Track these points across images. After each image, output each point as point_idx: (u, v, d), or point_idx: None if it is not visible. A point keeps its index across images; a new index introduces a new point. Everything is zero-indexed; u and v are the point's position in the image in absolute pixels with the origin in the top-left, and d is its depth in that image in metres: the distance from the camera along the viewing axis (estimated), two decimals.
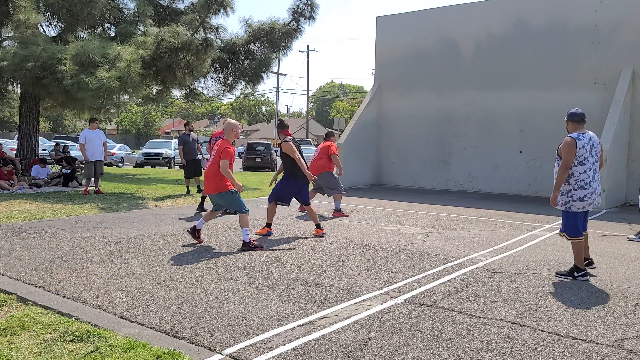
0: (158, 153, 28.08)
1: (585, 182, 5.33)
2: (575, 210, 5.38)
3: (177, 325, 3.91)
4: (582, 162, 5.34)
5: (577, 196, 5.34)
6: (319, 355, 3.40)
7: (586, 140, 5.37)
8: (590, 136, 5.45)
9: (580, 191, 5.33)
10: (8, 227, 7.64)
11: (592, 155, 5.40)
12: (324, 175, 9.74)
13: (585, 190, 5.33)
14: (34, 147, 15.63)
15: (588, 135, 5.43)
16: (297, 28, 16.90)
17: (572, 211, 5.39)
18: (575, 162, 5.34)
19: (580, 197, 5.33)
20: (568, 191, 5.39)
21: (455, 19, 15.18)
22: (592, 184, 5.36)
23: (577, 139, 5.34)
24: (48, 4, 13.58)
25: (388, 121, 16.65)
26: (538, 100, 13.77)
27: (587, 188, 5.33)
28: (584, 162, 5.34)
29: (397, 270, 5.62)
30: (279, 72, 51.03)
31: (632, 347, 3.64)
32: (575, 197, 5.35)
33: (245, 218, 6.58)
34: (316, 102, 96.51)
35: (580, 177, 5.34)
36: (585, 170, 5.35)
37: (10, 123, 48.72)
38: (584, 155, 5.34)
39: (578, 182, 5.34)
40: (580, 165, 5.34)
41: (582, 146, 5.33)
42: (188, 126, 13.10)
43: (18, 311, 4.22)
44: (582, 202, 5.34)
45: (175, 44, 13.08)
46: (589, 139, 5.40)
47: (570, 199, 5.37)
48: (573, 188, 5.36)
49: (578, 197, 5.34)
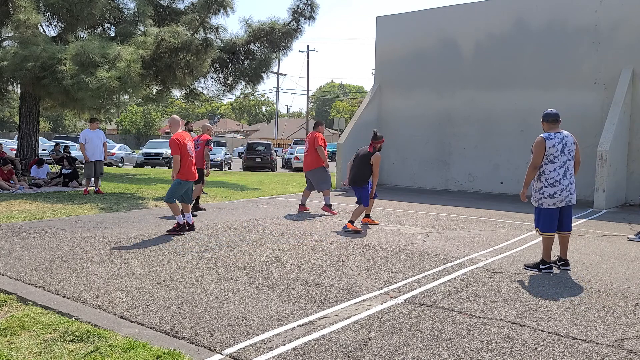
0: (158, 153, 28.07)
1: (555, 180, 5.56)
2: (547, 206, 5.63)
3: (177, 325, 3.91)
4: (552, 161, 5.58)
5: (547, 193, 5.60)
6: (319, 355, 3.40)
7: (557, 140, 5.58)
8: (564, 136, 5.64)
9: (550, 188, 5.58)
10: (8, 227, 7.64)
11: (565, 154, 5.59)
12: (318, 171, 9.79)
13: (555, 188, 5.56)
14: (34, 147, 15.63)
15: (561, 135, 5.62)
16: (297, 28, 16.92)
17: (544, 207, 5.65)
18: (546, 160, 5.60)
19: (550, 194, 5.59)
20: (540, 188, 5.67)
21: (455, 19, 15.18)
22: (563, 181, 5.57)
23: (547, 139, 5.59)
24: (48, 4, 13.58)
25: (388, 121, 16.65)
26: (538, 100, 13.77)
27: (557, 185, 5.56)
28: (554, 160, 5.58)
29: (397, 270, 5.62)
30: (279, 72, 51.09)
31: (632, 347, 3.64)
32: (545, 194, 5.61)
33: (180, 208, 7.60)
34: (316, 102, 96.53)
35: (550, 174, 5.58)
36: (555, 168, 5.57)
37: (10, 123, 48.73)
38: (554, 154, 5.57)
39: (548, 180, 5.59)
40: (550, 163, 5.59)
41: (552, 145, 5.56)
42: (187, 126, 13.12)
43: (18, 311, 4.22)
44: (552, 199, 5.58)
45: (175, 44, 13.08)
46: (561, 138, 5.60)
47: (542, 196, 5.65)
48: (544, 185, 5.63)
49: (548, 194, 5.59)
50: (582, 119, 13.04)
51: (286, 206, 10.98)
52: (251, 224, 8.54)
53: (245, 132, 79.68)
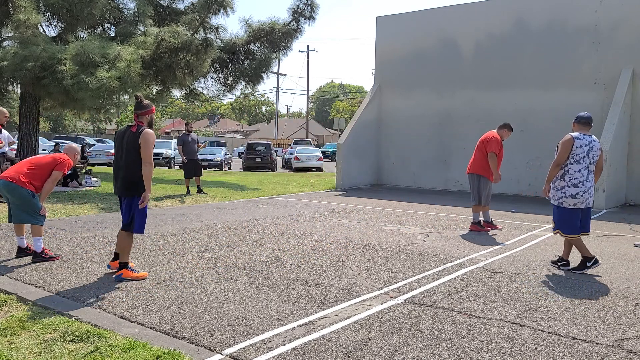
0: (158, 153, 28.02)
1: (579, 181, 5.53)
2: (567, 206, 5.57)
3: (177, 325, 3.91)
4: (578, 161, 5.55)
5: (569, 193, 5.55)
6: (319, 355, 3.40)
7: (585, 142, 5.56)
8: (592, 139, 5.63)
9: (573, 188, 5.53)
10: (8, 227, 7.63)
11: (589, 157, 5.57)
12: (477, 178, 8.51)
13: (578, 189, 5.52)
14: (34, 147, 15.62)
15: (590, 138, 5.61)
16: (297, 28, 16.91)
17: (564, 207, 5.60)
18: (572, 160, 5.55)
19: (572, 194, 5.53)
20: (562, 187, 5.61)
21: (455, 19, 15.18)
22: (586, 183, 5.54)
23: (576, 138, 5.56)
24: (48, 4, 13.58)
25: (388, 121, 16.65)
26: (538, 100, 13.77)
27: (580, 187, 5.52)
28: (580, 161, 5.54)
29: (397, 270, 5.62)
30: (279, 72, 51.06)
31: (632, 347, 3.64)
32: (567, 194, 5.55)
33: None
34: (316, 102, 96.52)
35: (575, 175, 5.54)
36: (580, 169, 5.54)
37: (10, 123, 48.74)
38: (580, 155, 5.54)
39: (572, 180, 5.54)
40: (576, 163, 5.55)
41: (579, 146, 5.53)
42: (187, 126, 13.13)
43: (18, 311, 4.22)
44: (573, 199, 5.54)
45: (175, 44, 13.08)
46: (589, 141, 5.58)
47: (563, 195, 5.58)
48: (567, 185, 5.57)
49: (570, 194, 5.54)
50: None
51: (286, 206, 10.98)
52: (251, 224, 8.54)
53: (245, 132, 79.68)
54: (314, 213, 9.95)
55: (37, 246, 5.73)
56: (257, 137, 68.18)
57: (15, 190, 5.58)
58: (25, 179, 5.59)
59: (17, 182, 5.56)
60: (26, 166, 5.73)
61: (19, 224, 5.84)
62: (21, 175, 5.60)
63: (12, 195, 5.63)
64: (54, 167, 5.73)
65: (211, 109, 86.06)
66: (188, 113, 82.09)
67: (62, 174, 5.87)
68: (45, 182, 5.71)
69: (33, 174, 5.66)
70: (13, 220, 5.78)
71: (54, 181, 5.75)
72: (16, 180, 5.57)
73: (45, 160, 5.80)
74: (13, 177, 5.59)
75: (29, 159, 5.93)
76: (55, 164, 5.74)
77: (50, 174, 5.72)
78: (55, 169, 5.73)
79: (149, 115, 5.21)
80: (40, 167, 5.71)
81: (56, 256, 5.88)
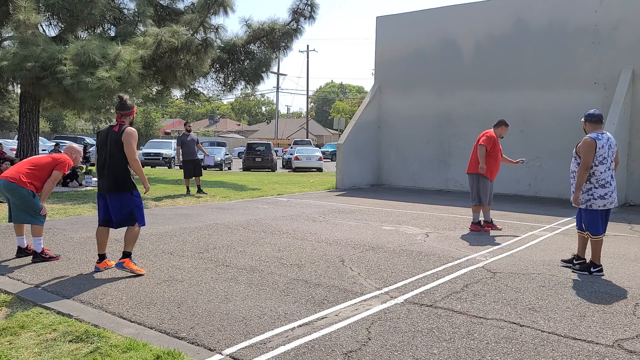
0: (158, 153, 28.08)
1: (606, 181, 5.51)
2: (596, 208, 5.54)
3: (177, 325, 3.91)
4: (602, 162, 5.52)
5: (597, 194, 5.51)
6: (319, 355, 3.40)
7: (605, 140, 5.54)
8: (609, 137, 5.61)
9: (601, 189, 5.50)
10: (8, 227, 7.63)
11: (610, 155, 5.55)
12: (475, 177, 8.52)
13: (606, 189, 5.50)
14: (34, 147, 15.62)
15: (606, 136, 5.59)
16: (297, 28, 16.91)
17: (593, 209, 5.55)
18: (596, 161, 5.51)
19: (601, 195, 5.50)
20: (589, 189, 5.56)
21: (455, 19, 15.18)
22: (612, 182, 5.54)
23: (597, 139, 5.52)
24: (48, 4, 13.58)
25: (388, 121, 16.65)
26: (538, 100, 13.77)
27: (608, 187, 5.51)
28: (604, 161, 5.52)
29: (397, 270, 5.62)
30: (279, 72, 51.05)
31: (632, 347, 3.64)
32: (596, 195, 5.52)
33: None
34: (316, 102, 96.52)
35: (602, 175, 5.51)
36: (606, 169, 5.52)
37: (10, 123, 48.72)
38: (603, 155, 5.51)
39: (599, 181, 5.51)
40: (600, 164, 5.52)
41: (601, 146, 5.51)
42: (187, 126, 13.12)
43: (18, 311, 4.22)
44: (602, 200, 5.51)
45: (175, 44, 13.08)
46: (607, 139, 5.57)
47: (591, 197, 5.54)
48: (594, 186, 5.53)
49: (599, 195, 5.51)
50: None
51: (286, 206, 10.98)
52: (251, 224, 8.54)
53: (245, 132, 79.67)
54: (314, 213, 9.95)
55: (37, 246, 5.74)
56: (257, 137, 68.17)
57: (15, 190, 5.58)
58: (25, 179, 5.60)
59: (17, 182, 5.57)
60: (26, 166, 5.73)
61: (19, 224, 5.84)
62: (22, 175, 5.61)
63: (12, 195, 5.63)
64: (54, 167, 5.74)
65: (211, 109, 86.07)
66: (188, 113, 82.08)
67: (62, 174, 5.88)
68: (45, 182, 5.72)
69: (33, 174, 5.67)
70: (13, 220, 5.79)
71: (54, 181, 5.76)
72: (17, 180, 5.57)
73: (45, 160, 5.80)
74: (14, 177, 5.59)
75: (29, 159, 5.93)
76: (55, 164, 5.75)
77: (50, 174, 5.73)
78: (55, 169, 5.74)
79: (131, 115, 5.43)
80: (41, 167, 5.72)
81: (56, 256, 5.88)
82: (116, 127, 5.27)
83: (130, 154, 5.19)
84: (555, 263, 6.09)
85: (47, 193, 5.76)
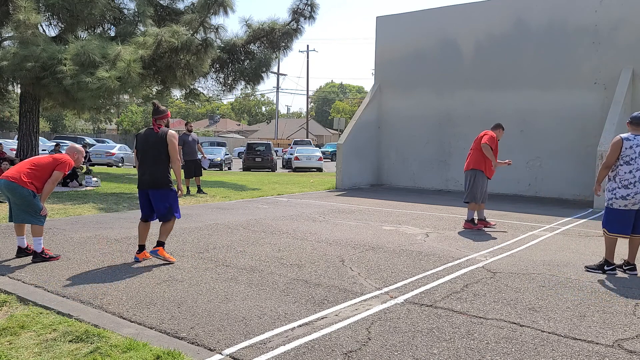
0: None
1: (630, 182, 5.47)
2: (617, 207, 5.53)
3: (177, 325, 3.91)
4: (628, 162, 5.47)
5: (619, 194, 5.51)
6: (319, 355, 3.40)
7: (636, 142, 5.46)
8: None
9: (623, 190, 5.49)
10: (8, 227, 7.63)
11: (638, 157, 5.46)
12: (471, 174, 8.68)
13: (628, 190, 5.46)
14: (34, 147, 15.62)
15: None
16: (297, 28, 16.91)
17: (614, 208, 5.56)
18: (621, 161, 5.49)
19: (622, 195, 5.49)
20: (613, 189, 5.58)
21: (455, 19, 15.18)
22: (637, 184, 5.45)
23: (625, 140, 5.48)
24: (48, 4, 13.58)
25: (388, 121, 16.65)
26: (538, 100, 13.77)
27: (631, 188, 5.46)
28: (630, 162, 5.46)
29: (397, 270, 5.62)
30: (279, 72, 51.05)
31: (632, 347, 3.64)
32: (618, 195, 5.52)
33: None
34: (316, 102, 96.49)
35: (625, 176, 5.48)
36: (631, 170, 5.46)
37: (10, 123, 48.74)
38: (630, 156, 5.46)
39: (622, 181, 5.50)
40: (626, 165, 5.48)
41: (629, 146, 5.46)
42: (187, 126, 13.13)
43: (18, 311, 4.22)
44: (624, 201, 5.49)
45: (175, 44, 13.08)
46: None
47: (613, 196, 5.56)
48: (617, 186, 5.53)
49: (620, 196, 5.50)
50: (582, 119, 13.05)
51: (286, 206, 10.98)
52: (251, 224, 8.54)
53: (245, 132, 79.67)
54: (314, 213, 9.95)
55: (37, 246, 5.74)
56: (257, 137, 68.17)
57: (16, 190, 5.58)
58: (26, 179, 5.60)
59: (18, 182, 5.57)
60: (27, 166, 5.73)
61: (19, 224, 5.84)
62: (22, 175, 5.61)
63: (13, 195, 5.63)
64: (55, 167, 5.75)
65: (211, 109, 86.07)
66: (188, 113, 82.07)
67: (63, 175, 5.89)
68: (46, 182, 5.73)
69: (34, 174, 5.67)
70: (14, 220, 5.79)
71: (54, 182, 5.77)
72: (17, 180, 5.57)
73: (45, 160, 5.81)
74: (14, 177, 5.59)
75: (29, 159, 5.93)
76: (55, 165, 5.76)
77: (51, 175, 5.73)
78: (55, 170, 5.74)
79: (165, 119, 5.90)
80: (41, 168, 5.73)
81: (56, 256, 5.88)
82: (155, 129, 5.76)
83: (174, 155, 5.72)
84: (555, 263, 6.09)
85: (47, 193, 5.77)
